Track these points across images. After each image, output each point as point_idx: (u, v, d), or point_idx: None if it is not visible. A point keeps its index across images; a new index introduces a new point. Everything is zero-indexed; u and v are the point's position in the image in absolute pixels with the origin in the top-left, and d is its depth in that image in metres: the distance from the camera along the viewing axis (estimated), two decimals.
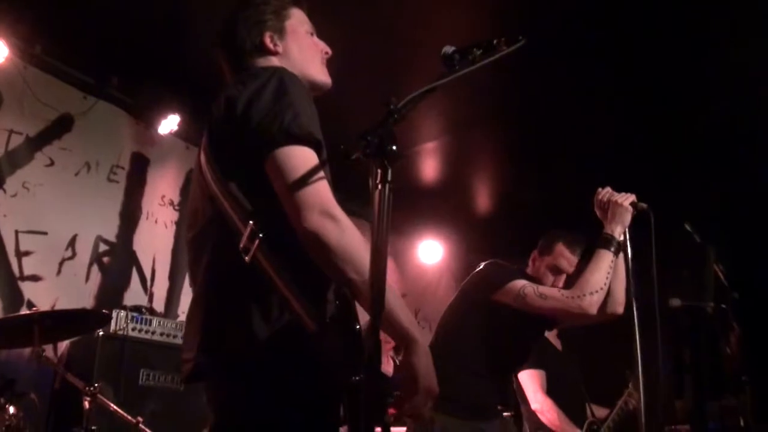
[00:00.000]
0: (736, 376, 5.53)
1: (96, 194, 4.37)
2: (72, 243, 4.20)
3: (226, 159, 1.63)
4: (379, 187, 1.29)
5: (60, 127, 4.26)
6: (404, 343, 1.51)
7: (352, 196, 3.17)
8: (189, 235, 1.74)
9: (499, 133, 5.22)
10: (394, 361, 5.41)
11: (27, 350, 3.16)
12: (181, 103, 4.54)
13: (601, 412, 4.19)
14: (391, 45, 4.10)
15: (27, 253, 4.00)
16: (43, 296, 3.97)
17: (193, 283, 1.73)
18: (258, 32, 1.89)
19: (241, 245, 1.52)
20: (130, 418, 2.92)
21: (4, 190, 3.95)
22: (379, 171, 1.30)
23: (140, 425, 2.89)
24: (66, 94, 4.32)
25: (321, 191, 1.51)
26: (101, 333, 3.62)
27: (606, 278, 2.90)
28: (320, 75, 1.93)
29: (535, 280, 3.10)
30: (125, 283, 4.38)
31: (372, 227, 1.27)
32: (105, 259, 4.35)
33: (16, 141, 4.05)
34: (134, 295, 4.45)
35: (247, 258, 1.51)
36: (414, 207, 6.25)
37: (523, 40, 1.72)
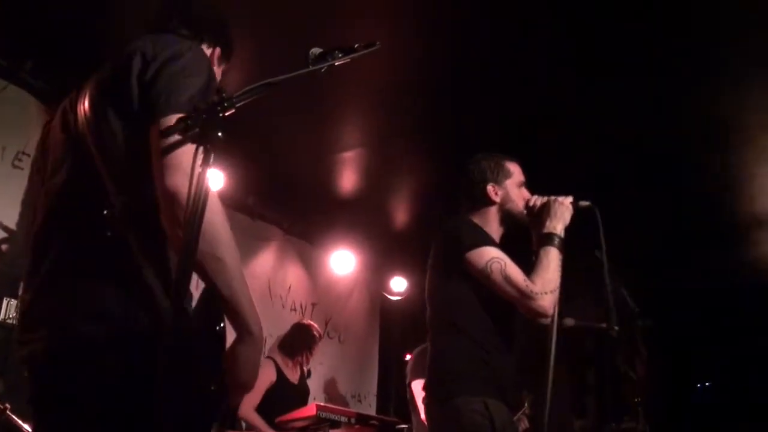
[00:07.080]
0: (633, 398, 5.70)
1: None
2: None
3: (117, 111, 1.62)
4: (200, 169, 1.33)
5: None
6: (239, 331, 1.53)
7: None
8: (46, 187, 1.73)
9: (419, 147, 5.29)
10: None
11: None
12: None
13: None
14: None
15: None
16: None
17: (37, 245, 1.71)
18: None
19: (109, 214, 1.53)
20: None
21: None
22: (201, 155, 1.34)
23: (7, 412, 2.84)
24: None
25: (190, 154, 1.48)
26: None
27: (559, 277, 2.65)
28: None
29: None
30: (23, 272, 4.27)
31: (187, 204, 1.31)
32: (3, 247, 4.26)
33: None
34: None
35: (109, 232, 1.52)
36: (328, 216, 6.27)
37: (378, 44, 1.79)
